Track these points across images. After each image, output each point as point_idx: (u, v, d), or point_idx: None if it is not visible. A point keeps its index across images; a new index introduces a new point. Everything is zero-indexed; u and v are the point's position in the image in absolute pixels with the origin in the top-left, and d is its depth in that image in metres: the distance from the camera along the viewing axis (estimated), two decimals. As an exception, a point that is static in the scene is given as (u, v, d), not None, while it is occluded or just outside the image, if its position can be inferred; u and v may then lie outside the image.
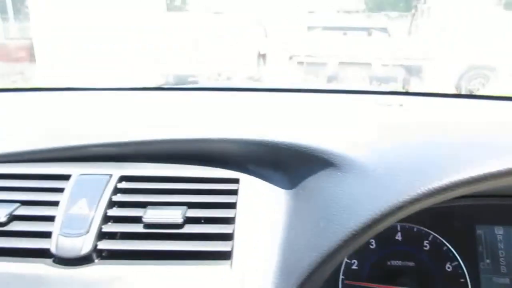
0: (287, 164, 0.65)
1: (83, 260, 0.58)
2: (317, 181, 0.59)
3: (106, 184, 0.63)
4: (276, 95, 1.23)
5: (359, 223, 0.48)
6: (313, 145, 0.60)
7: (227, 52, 7.45)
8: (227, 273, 0.56)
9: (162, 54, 7.69)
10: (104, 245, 0.59)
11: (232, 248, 0.58)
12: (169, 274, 0.57)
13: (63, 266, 0.57)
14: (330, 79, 7.64)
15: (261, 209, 0.62)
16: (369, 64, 7.52)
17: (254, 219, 0.61)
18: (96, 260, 0.58)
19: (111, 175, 0.65)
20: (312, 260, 0.50)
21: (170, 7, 9.60)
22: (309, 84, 7.04)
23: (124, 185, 0.64)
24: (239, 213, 0.61)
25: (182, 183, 0.65)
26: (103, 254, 0.59)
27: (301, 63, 7.68)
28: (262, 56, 7.93)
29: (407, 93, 1.36)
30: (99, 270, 0.58)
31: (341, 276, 0.69)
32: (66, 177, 0.65)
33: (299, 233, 0.57)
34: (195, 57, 7.64)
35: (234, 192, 0.64)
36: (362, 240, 0.49)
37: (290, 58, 7.80)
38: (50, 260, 0.58)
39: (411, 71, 7.48)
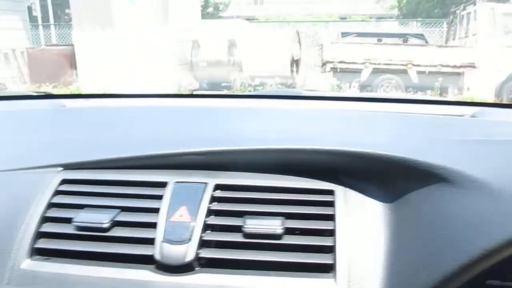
0: (385, 177, 0.64)
1: (185, 268, 0.58)
2: (426, 197, 0.57)
3: (203, 193, 0.64)
4: (318, 103, 1.22)
5: (492, 243, 0.46)
6: (420, 159, 0.59)
7: (260, 58, 7.48)
8: (332, 287, 0.56)
9: (196, 59, 7.81)
10: (205, 253, 0.59)
11: (335, 261, 0.58)
12: (270, 285, 0.57)
13: (166, 273, 0.58)
14: (363, 86, 7.54)
15: (361, 222, 0.61)
16: (404, 71, 7.37)
17: (355, 232, 0.60)
18: (196, 268, 0.59)
19: (206, 184, 0.65)
20: (431, 279, 0.49)
21: (204, 15, 9.75)
22: (347, 92, 6.98)
23: (219, 193, 0.65)
24: (338, 226, 0.60)
25: (277, 193, 0.64)
26: (203, 262, 0.60)
27: (334, 69, 7.62)
28: (296, 62, 7.92)
29: (457, 103, 1.32)
30: (200, 278, 0.58)
31: None
32: (162, 185, 0.66)
33: (408, 249, 0.55)
34: (228, 63, 7.72)
35: (330, 204, 0.63)
36: (490, 262, 0.47)
37: (324, 64, 7.75)
38: (152, 266, 0.59)
39: (448, 78, 7.27)
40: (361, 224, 0.61)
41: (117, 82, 7.61)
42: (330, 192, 0.64)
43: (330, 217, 0.62)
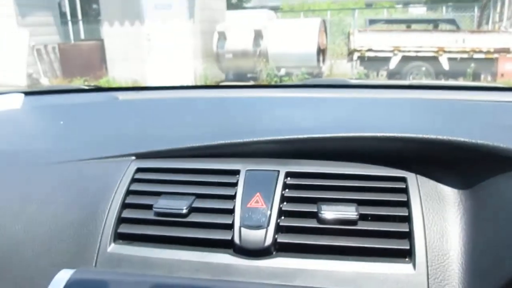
0: (458, 163, 0.64)
1: (263, 252, 0.60)
2: (501, 182, 0.57)
3: (276, 180, 0.66)
4: (359, 92, 1.21)
5: None
6: (496, 144, 0.58)
7: (286, 48, 7.43)
8: (410, 272, 0.57)
9: (222, 51, 7.83)
10: (283, 238, 0.61)
11: (412, 246, 0.58)
12: (348, 269, 0.58)
13: (245, 257, 0.61)
14: (392, 74, 7.38)
15: (435, 208, 0.61)
16: (435, 58, 7.17)
17: (430, 218, 0.60)
18: (274, 253, 0.61)
19: (278, 171, 0.67)
20: None
21: (229, 6, 9.73)
22: (372, 80, 6.86)
23: (292, 181, 0.67)
24: (413, 212, 0.61)
25: (349, 180, 0.65)
26: (280, 247, 0.61)
27: (362, 58, 7.49)
28: (322, 52, 7.82)
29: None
30: (278, 262, 0.60)
31: None
32: (235, 172, 0.68)
33: (486, 235, 0.56)
34: (254, 54, 7.70)
35: (403, 191, 0.64)
36: None
37: (350, 53, 7.63)
38: (231, 251, 0.62)
39: (481, 65, 7.03)
40: (436, 210, 0.61)
41: (144, 75, 7.73)
42: (402, 179, 0.65)
43: (404, 204, 0.62)
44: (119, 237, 0.66)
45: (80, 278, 0.56)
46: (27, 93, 1.24)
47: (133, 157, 0.75)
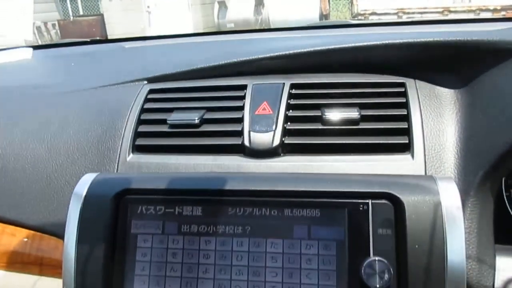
0: (455, 64, 0.67)
1: (271, 153, 0.65)
2: (496, 75, 0.61)
3: (282, 90, 0.70)
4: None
5: None
6: (493, 38, 0.61)
7: (288, 15, 7.33)
8: (409, 161, 0.61)
9: (223, 21, 7.75)
10: (289, 140, 0.66)
11: (411, 141, 0.62)
12: (352, 162, 0.62)
13: (255, 158, 0.65)
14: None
15: (433, 106, 0.65)
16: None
17: (428, 116, 0.64)
18: (281, 154, 0.66)
19: (283, 83, 0.71)
20: (504, 143, 0.53)
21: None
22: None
23: (296, 91, 0.70)
24: (411, 111, 0.65)
25: (351, 88, 0.69)
26: (288, 148, 0.66)
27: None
28: (325, 17, 7.72)
29: None
30: (286, 160, 0.65)
31: None
32: (243, 87, 0.72)
33: (482, 123, 0.59)
34: (255, 23, 7.62)
35: (402, 94, 0.67)
36: None
37: (354, 17, 7.52)
38: (242, 154, 0.66)
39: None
40: (433, 108, 0.65)
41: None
42: (402, 85, 0.69)
43: (403, 105, 0.66)
44: (137, 149, 0.70)
45: (104, 177, 0.61)
46: (35, 47, 1.28)
47: (145, 82, 0.79)
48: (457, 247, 0.49)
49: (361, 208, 0.53)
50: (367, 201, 0.53)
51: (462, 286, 0.48)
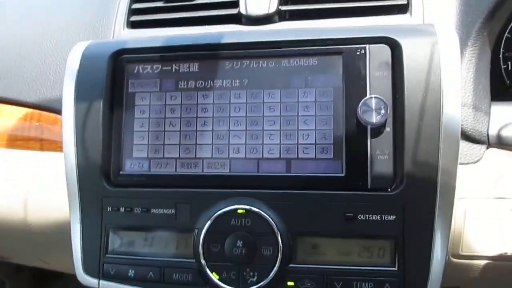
0: None
1: (268, 19, 0.64)
2: None
3: None
4: None
5: None
6: None
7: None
8: (408, 20, 0.60)
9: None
10: (286, 7, 0.64)
11: (409, 1, 0.61)
12: (353, 24, 0.61)
13: (252, 25, 0.64)
14: None
15: None
16: None
17: None
18: (278, 21, 0.64)
19: None
20: None
21: None
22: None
23: None
24: None
25: None
26: (284, 15, 0.64)
27: None
28: None
29: None
30: (284, 26, 0.64)
31: None
32: None
33: None
34: None
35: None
36: None
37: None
38: (239, 24, 0.65)
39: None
40: None
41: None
42: None
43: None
44: (132, 25, 0.69)
45: (98, 42, 0.60)
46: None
47: None
48: (453, 88, 0.49)
49: (358, 53, 0.52)
50: (365, 45, 0.52)
51: (457, 125, 0.49)
